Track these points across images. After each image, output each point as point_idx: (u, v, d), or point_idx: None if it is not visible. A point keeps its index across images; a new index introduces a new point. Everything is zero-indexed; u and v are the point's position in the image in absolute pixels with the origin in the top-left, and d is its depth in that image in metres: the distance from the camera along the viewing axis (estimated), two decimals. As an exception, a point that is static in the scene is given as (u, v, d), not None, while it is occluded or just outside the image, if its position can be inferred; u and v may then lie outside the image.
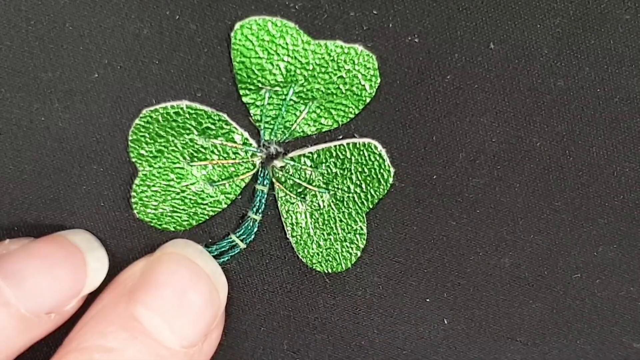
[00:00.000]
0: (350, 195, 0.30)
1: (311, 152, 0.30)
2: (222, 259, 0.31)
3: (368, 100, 0.29)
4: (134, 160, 0.29)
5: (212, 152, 0.30)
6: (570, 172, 0.31)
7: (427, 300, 0.33)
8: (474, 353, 0.34)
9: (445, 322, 0.33)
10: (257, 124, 0.29)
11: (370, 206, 0.31)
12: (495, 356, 0.34)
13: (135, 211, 0.30)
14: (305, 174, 0.30)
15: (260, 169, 0.30)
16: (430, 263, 0.32)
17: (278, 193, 0.31)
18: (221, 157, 0.30)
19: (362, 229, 0.31)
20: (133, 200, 0.30)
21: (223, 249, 0.31)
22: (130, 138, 0.29)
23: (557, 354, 0.34)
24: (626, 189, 0.31)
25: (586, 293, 0.33)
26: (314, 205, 0.31)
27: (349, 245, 0.31)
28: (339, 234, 0.31)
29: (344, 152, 0.30)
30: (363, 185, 0.30)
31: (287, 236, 0.31)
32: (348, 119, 0.29)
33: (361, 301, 0.33)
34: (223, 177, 0.30)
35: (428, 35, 0.29)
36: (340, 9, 0.28)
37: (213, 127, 0.29)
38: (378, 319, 0.33)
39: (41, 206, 0.30)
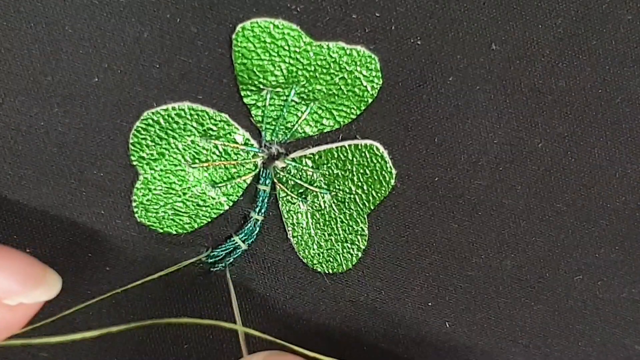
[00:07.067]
0: (352, 196, 0.30)
1: (313, 153, 0.30)
2: (225, 262, 0.31)
3: (370, 101, 0.29)
4: (134, 163, 0.29)
5: (214, 153, 0.29)
6: (571, 174, 0.31)
7: (429, 304, 0.33)
8: (475, 356, 0.33)
9: (447, 325, 0.33)
10: (259, 125, 0.29)
11: (372, 207, 0.31)
12: (497, 359, 0.34)
13: (136, 215, 0.30)
14: (306, 174, 0.30)
15: (261, 170, 0.30)
16: (432, 266, 0.32)
17: (279, 193, 0.31)
18: (223, 158, 0.30)
19: (363, 230, 0.31)
20: (134, 204, 0.30)
21: (227, 251, 0.31)
22: (131, 141, 0.29)
23: (559, 357, 0.34)
24: (628, 190, 0.31)
25: (588, 295, 0.33)
26: (315, 206, 0.31)
27: (349, 246, 0.31)
28: (340, 234, 0.31)
29: (345, 154, 0.30)
30: (364, 187, 0.30)
31: (288, 237, 0.31)
32: (349, 120, 0.29)
33: (363, 306, 0.32)
34: (225, 179, 0.30)
35: (430, 37, 0.29)
36: (342, 11, 0.28)
37: (215, 127, 0.29)
38: (380, 323, 0.33)
39: (40, 215, 0.30)
